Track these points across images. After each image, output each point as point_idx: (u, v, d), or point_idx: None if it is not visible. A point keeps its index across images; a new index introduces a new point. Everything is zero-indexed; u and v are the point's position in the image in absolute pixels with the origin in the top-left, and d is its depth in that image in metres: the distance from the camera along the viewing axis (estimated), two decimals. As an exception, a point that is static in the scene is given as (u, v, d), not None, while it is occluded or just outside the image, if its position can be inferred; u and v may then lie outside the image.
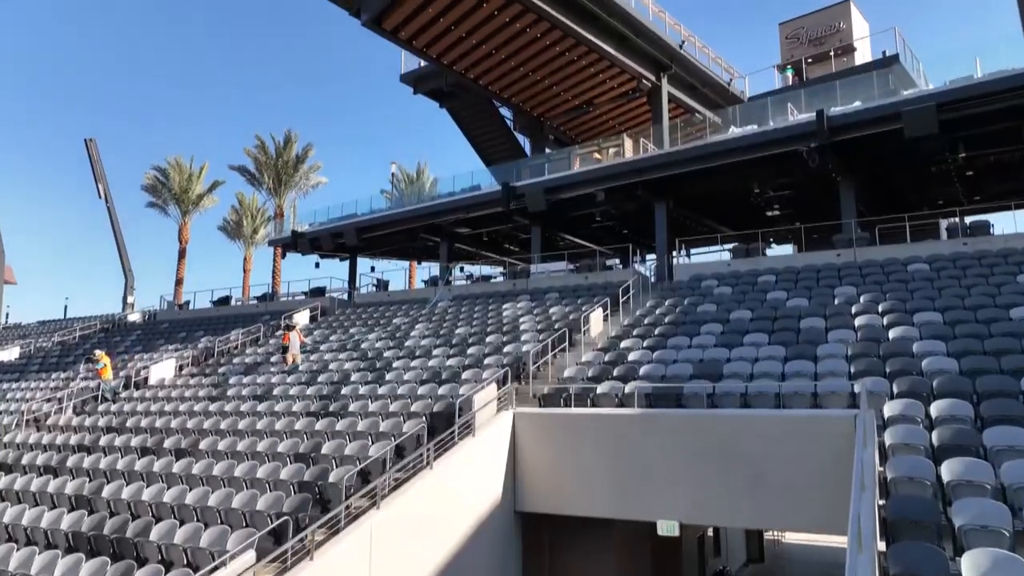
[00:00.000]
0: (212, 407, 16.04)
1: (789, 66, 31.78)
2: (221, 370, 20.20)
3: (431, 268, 40.99)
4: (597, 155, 27.20)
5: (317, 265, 37.63)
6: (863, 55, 32.49)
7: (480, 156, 31.93)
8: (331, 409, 14.36)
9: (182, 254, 43.63)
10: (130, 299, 51.08)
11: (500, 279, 25.83)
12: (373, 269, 36.21)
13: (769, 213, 28.79)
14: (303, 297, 30.29)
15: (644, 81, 25.84)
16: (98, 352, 20.11)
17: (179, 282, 42.98)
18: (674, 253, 29.72)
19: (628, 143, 25.28)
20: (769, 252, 35.29)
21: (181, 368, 21.94)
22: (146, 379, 20.85)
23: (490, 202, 27.18)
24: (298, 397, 15.87)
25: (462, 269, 38.32)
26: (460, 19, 22.36)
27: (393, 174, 42.11)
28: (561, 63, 25.32)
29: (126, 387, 20.99)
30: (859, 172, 22.39)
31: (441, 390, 14.38)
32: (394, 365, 17.19)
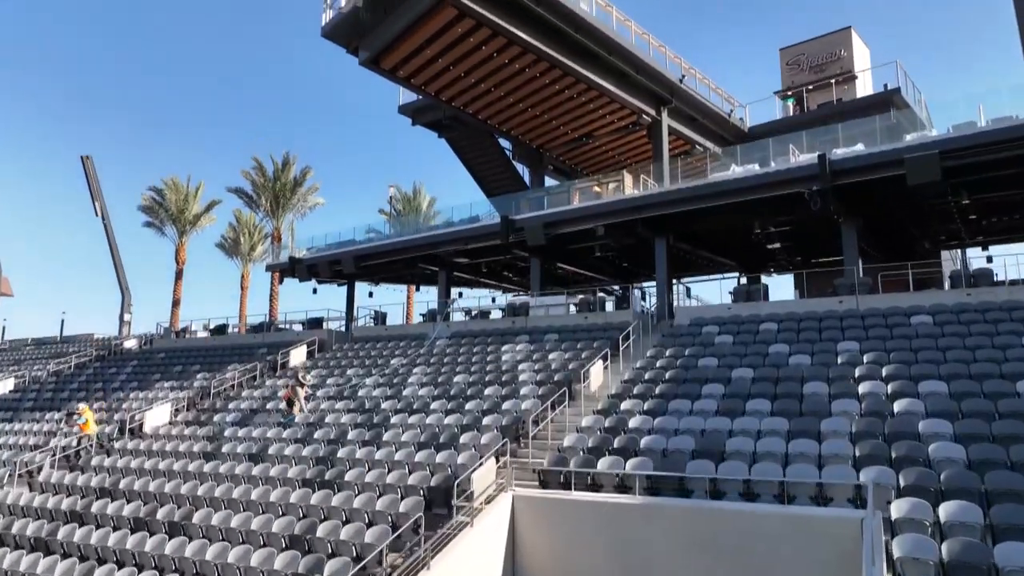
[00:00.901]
0: (207, 467, 15.81)
1: (790, 95, 31.57)
2: (216, 418, 19.97)
3: (430, 294, 40.82)
4: (597, 188, 27.01)
5: (315, 291, 37.44)
6: (864, 83, 32.33)
7: (479, 185, 31.74)
8: (327, 477, 14.14)
9: (179, 275, 43.43)
10: (127, 317, 50.89)
11: (499, 315, 25.52)
12: (371, 295, 36.00)
13: (770, 246, 28.63)
14: (300, 328, 30.04)
15: (644, 116, 25.64)
16: (80, 406, 19.88)
17: (176, 303, 42.75)
18: (674, 281, 29.58)
19: (628, 179, 25.07)
20: (770, 280, 35.20)
21: (176, 412, 21.72)
22: (141, 425, 20.62)
23: (489, 234, 26.97)
24: (294, 459, 15.65)
25: (460, 295, 38.15)
26: (459, 59, 22.15)
27: (391, 197, 41.91)
28: (560, 99, 25.12)
29: (121, 432, 20.80)
30: (861, 212, 22.22)
31: (439, 457, 14.16)
32: (392, 421, 16.97)
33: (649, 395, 15.87)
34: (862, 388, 14.11)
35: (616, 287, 35.71)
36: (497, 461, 13.47)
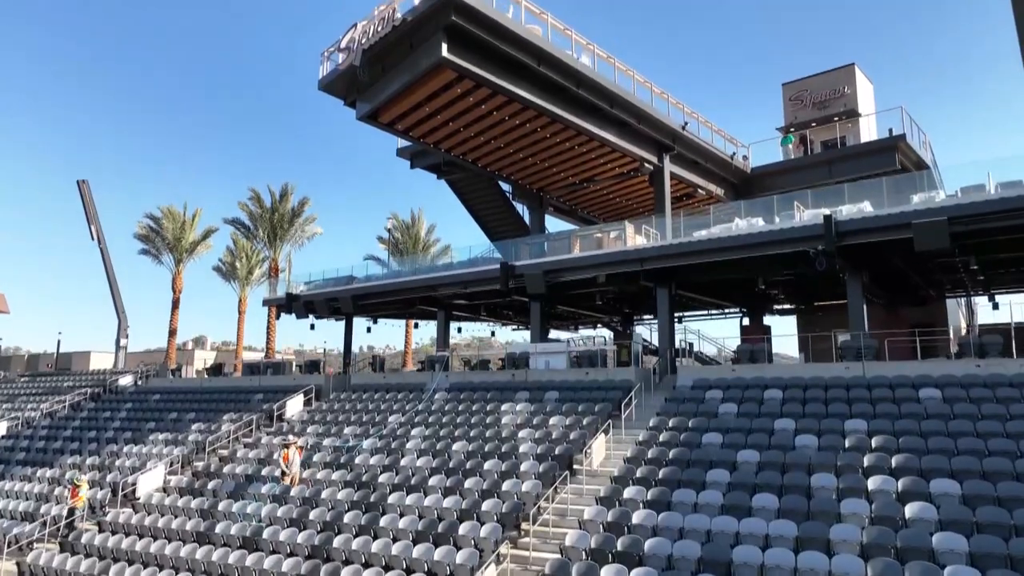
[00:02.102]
0: (199, 553, 15.45)
1: (790, 134, 31.19)
2: (211, 486, 19.57)
3: (429, 327, 40.28)
4: (599, 234, 26.66)
5: (312, 327, 37.10)
6: (868, 124, 32.00)
7: (480, 225, 31.44)
8: (321, 574, 13.78)
9: (175, 304, 42.99)
10: (123, 342, 50.50)
11: (499, 346, 25.12)
12: (369, 330, 35.65)
13: (772, 292, 28.33)
14: (298, 372, 29.65)
15: (646, 165, 25.28)
16: (78, 477, 19.46)
17: (172, 333, 42.28)
18: (677, 321, 29.15)
19: (630, 228, 24.70)
20: (772, 321, 34.85)
21: (171, 472, 21.35)
22: (134, 490, 20.23)
23: (488, 279, 26.62)
24: (288, 545, 15.27)
25: (460, 330, 37.80)
26: (458, 115, 21.79)
27: (389, 231, 41.47)
28: (561, 149, 24.78)
29: (114, 493, 20.43)
30: (867, 266, 21.88)
31: (437, 554, 13.80)
32: (390, 500, 16.61)
33: (653, 479, 15.48)
34: (871, 483, 13.73)
35: (616, 321, 35.41)
36: (498, 562, 13.10)
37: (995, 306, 26.87)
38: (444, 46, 17.77)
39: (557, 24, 20.68)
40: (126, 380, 34.69)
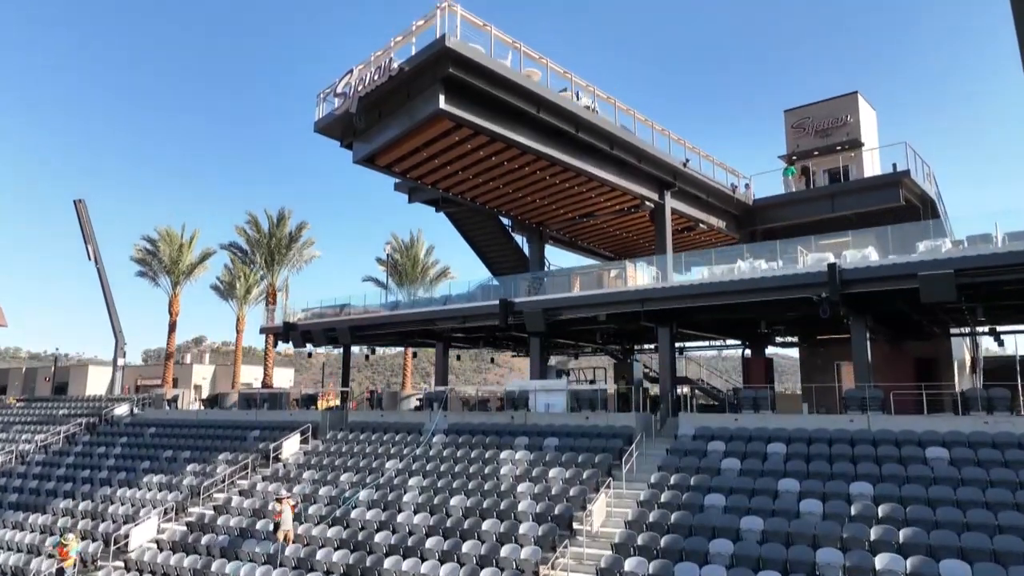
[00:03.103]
0: (191, 624, 15.11)
1: (791, 167, 30.83)
2: (204, 540, 19.23)
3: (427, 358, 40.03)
4: (599, 271, 26.36)
5: (309, 355, 36.82)
6: (871, 152, 31.66)
7: (479, 257, 31.21)
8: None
9: (172, 327, 42.59)
10: (120, 362, 50.26)
11: (497, 412, 24.76)
12: (367, 358, 35.38)
13: (775, 327, 28.01)
14: (295, 406, 29.31)
15: (647, 202, 24.94)
16: (66, 536, 19.11)
17: (169, 356, 41.91)
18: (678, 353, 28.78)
19: (631, 268, 24.38)
20: (775, 352, 34.48)
21: (164, 525, 21.02)
22: (127, 543, 19.89)
23: (487, 315, 26.31)
24: (282, 617, 14.94)
25: (459, 357, 37.49)
26: (455, 159, 21.47)
27: (388, 256, 41.09)
28: (560, 188, 24.47)
29: (106, 544, 20.10)
30: (870, 312, 21.57)
31: (434, 633, 13.45)
32: (385, 564, 16.28)
33: (655, 548, 15.14)
34: (879, 562, 13.39)
35: (617, 350, 35.08)
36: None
37: (1000, 343, 26.53)
38: (442, 97, 17.44)
39: (556, 68, 20.34)
40: (122, 410, 34.37)
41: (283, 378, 62.35)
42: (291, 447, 25.50)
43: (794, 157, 32.50)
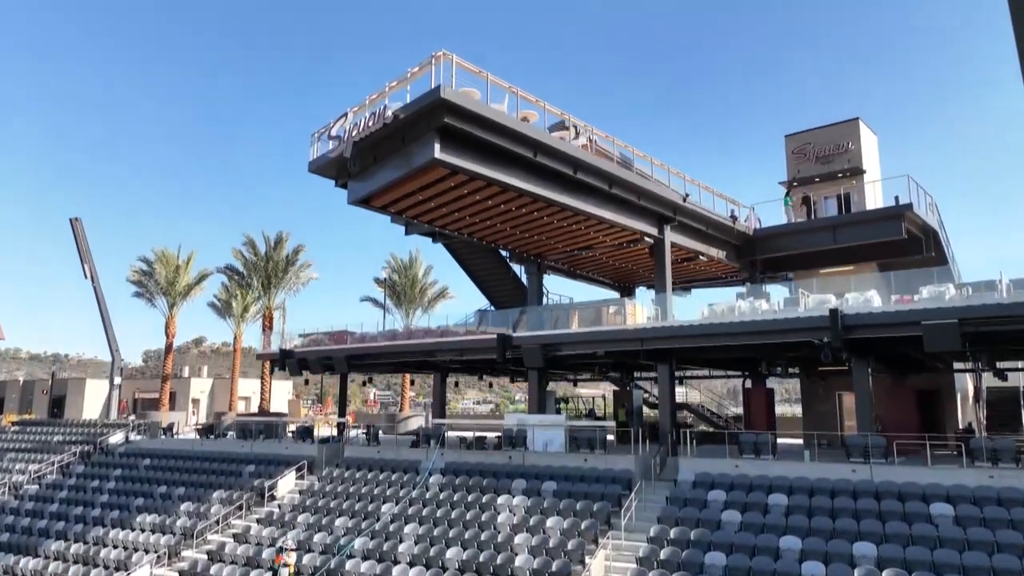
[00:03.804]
0: None
1: (788, 195, 30.52)
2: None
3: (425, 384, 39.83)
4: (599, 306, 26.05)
5: (306, 382, 36.51)
6: (872, 175, 31.37)
7: (478, 287, 30.99)
8: None
9: (168, 349, 42.27)
10: (117, 380, 50.00)
11: (495, 451, 24.42)
12: (365, 384, 35.11)
13: (776, 363, 27.72)
14: (290, 439, 28.99)
15: (646, 238, 24.64)
16: None
17: (165, 379, 41.60)
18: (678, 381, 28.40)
19: (630, 306, 24.10)
20: (778, 384, 34.14)
21: (157, 571, 20.72)
22: (117, 593, 19.63)
23: (485, 348, 26.03)
24: None
25: (457, 384, 37.17)
26: (452, 201, 21.17)
27: (387, 278, 40.82)
28: (558, 226, 24.17)
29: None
30: (872, 354, 21.28)
31: None
32: (379, 625, 15.97)
33: (653, 614, 14.86)
34: (883, 636, 13.10)
35: (616, 377, 34.76)
36: None
37: (1004, 378, 26.20)
38: (437, 146, 17.13)
39: (553, 110, 20.04)
40: (117, 438, 34.10)
41: (282, 391, 61.97)
42: (286, 485, 25.22)
43: (795, 183, 32.21)
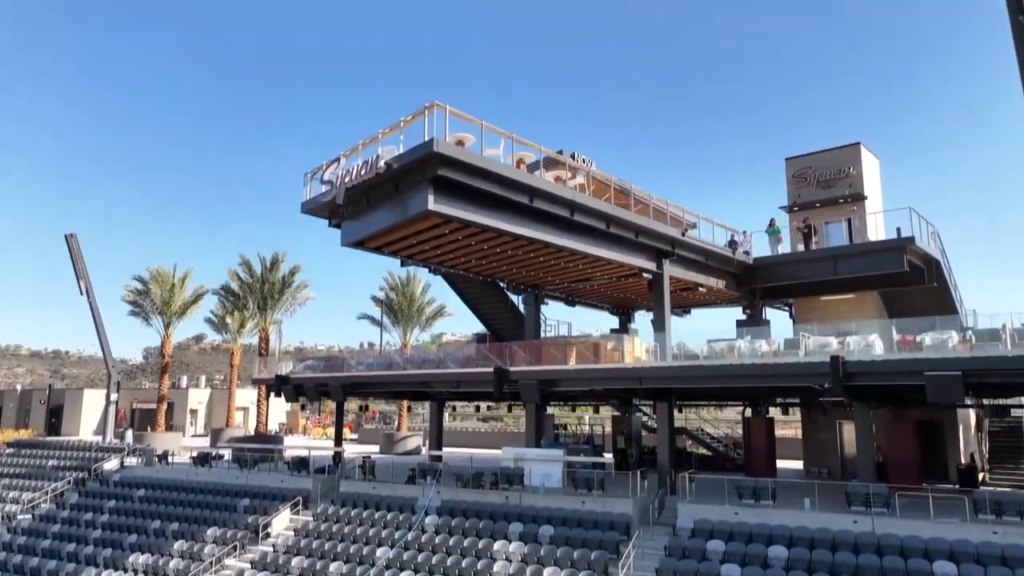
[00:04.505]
0: None
1: (776, 227, 30.17)
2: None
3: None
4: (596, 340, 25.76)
5: (303, 408, 36.22)
6: (874, 204, 31.04)
7: (474, 313, 30.64)
8: None
9: (164, 369, 41.99)
10: (113, 396, 49.73)
11: (491, 490, 24.09)
12: (364, 409, 34.85)
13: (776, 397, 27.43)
14: (286, 470, 28.71)
15: (645, 273, 24.33)
16: None
17: (161, 399, 41.34)
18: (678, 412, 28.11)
19: (628, 344, 23.80)
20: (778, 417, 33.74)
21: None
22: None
23: (481, 381, 25.77)
24: None
25: (454, 408, 36.90)
26: (446, 244, 20.88)
27: (383, 297, 40.49)
28: (555, 264, 23.89)
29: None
30: (874, 397, 21.00)
31: None
32: None
33: None
34: None
35: (616, 403, 34.47)
36: None
37: (1007, 415, 25.98)
38: (431, 197, 16.80)
39: (550, 152, 19.71)
40: (112, 464, 33.85)
41: (280, 402, 61.84)
42: (281, 522, 24.97)
43: (795, 207, 31.89)
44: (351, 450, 36.25)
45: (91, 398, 66.99)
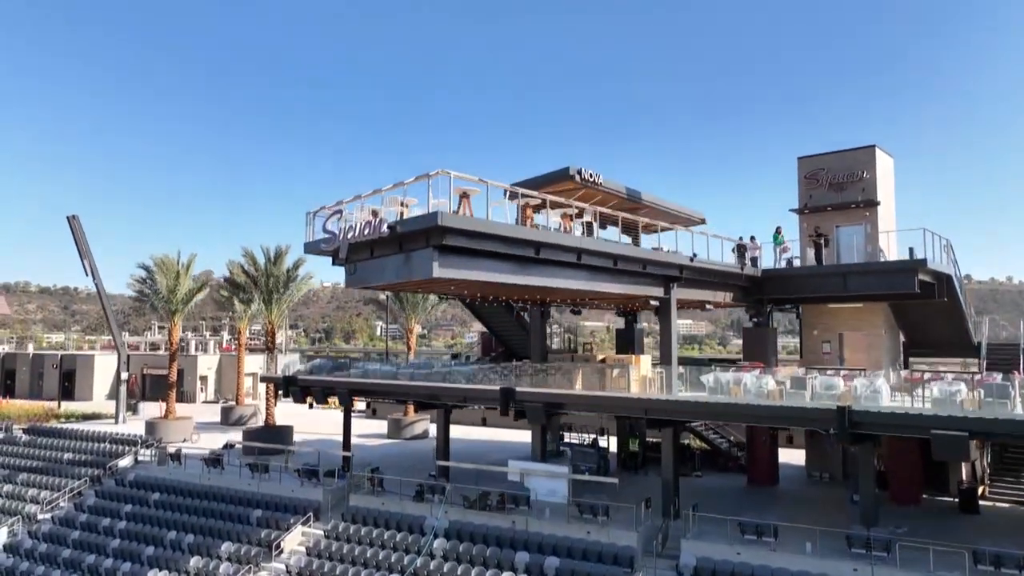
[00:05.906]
0: None
1: (780, 235, 29.62)
2: None
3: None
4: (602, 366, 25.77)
5: (311, 407, 36.70)
6: (886, 210, 30.42)
7: (482, 323, 30.56)
8: None
9: (172, 357, 42.32)
10: (124, 375, 50.56)
11: (496, 511, 24.55)
12: (374, 412, 35.25)
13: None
14: (297, 479, 29.27)
15: (652, 300, 24.10)
16: None
17: (171, 386, 41.85)
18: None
19: (634, 372, 23.81)
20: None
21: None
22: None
23: (488, 398, 26.00)
24: None
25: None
26: (454, 287, 20.59)
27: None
28: (562, 291, 23.55)
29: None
30: (879, 440, 21.12)
31: None
32: None
33: None
34: None
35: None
36: None
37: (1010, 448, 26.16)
38: (436, 264, 16.47)
39: (558, 200, 19.23)
40: (126, 461, 34.60)
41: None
42: (294, 539, 25.65)
43: (806, 209, 31.32)
44: (359, 431, 36.75)
45: (103, 363, 68.08)
